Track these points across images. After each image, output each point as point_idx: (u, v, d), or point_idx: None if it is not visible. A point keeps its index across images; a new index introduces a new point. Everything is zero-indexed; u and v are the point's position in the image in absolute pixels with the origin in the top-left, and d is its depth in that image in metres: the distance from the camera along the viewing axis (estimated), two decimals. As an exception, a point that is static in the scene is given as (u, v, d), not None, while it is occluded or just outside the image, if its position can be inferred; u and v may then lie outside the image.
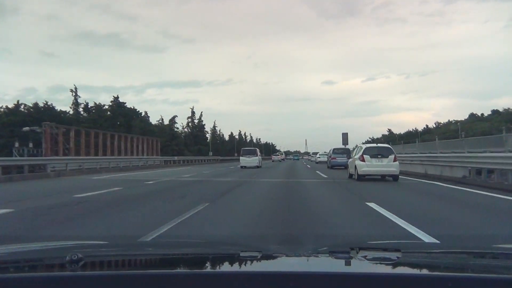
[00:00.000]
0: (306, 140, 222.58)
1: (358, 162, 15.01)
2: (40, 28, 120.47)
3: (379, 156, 14.83)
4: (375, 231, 5.55)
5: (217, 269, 1.47)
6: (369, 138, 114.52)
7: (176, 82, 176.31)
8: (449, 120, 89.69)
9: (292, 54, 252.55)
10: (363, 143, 24.91)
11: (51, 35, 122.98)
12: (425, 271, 1.47)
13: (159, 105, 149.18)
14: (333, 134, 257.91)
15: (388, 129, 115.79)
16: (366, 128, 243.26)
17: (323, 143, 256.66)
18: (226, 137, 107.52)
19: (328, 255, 1.81)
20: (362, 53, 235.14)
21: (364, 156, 14.86)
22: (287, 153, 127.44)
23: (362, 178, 14.76)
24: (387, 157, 14.77)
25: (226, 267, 1.48)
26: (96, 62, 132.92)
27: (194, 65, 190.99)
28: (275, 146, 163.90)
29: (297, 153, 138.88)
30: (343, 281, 1.17)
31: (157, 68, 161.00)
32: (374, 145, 17.09)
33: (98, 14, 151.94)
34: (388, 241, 3.41)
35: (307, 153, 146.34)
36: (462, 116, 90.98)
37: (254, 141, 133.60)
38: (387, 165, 14.68)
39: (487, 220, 6.52)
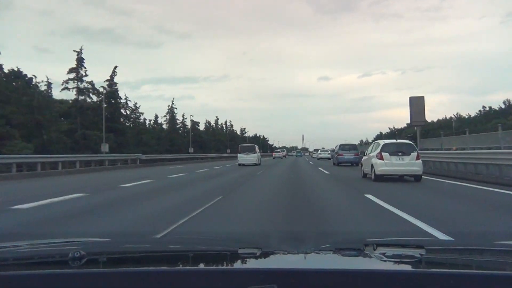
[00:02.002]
0: (303, 135, 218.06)
1: (375, 160, 13.21)
2: (34, 23, 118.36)
3: (399, 154, 13.00)
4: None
5: (215, 266, 1.48)
6: (389, 129, 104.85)
7: (172, 78, 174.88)
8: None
9: (288, 50, 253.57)
10: (374, 138, 22.63)
11: (46, 31, 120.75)
12: (424, 268, 1.48)
13: (154, 102, 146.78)
14: (329, 130, 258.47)
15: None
16: (362, 124, 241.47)
17: (320, 138, 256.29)
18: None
19: (329, 252, 1.78)
20: (358, 49, 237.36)
21: (383, 153, 13.03)
22: (280, 149, 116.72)
23: (380, 178, 12.98)
24: (409, 154, 12.94)
25: (224, 264, 1.54)
26: (91, 57, 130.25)
27: (190, 61, 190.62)
28: (267, 140, 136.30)
29: (293, 148, 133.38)
30: (342, 277, 1.17)
31: (152, 64, 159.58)
32: (394, 140, 15.14)
33: (93, 9, 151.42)
34: (388, 238, 3.28)
35: (304, 149, 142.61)
36: (456, 112, 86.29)
37: (238, 132, 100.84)
38: (409, 164, 12.86)
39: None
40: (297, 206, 8.01)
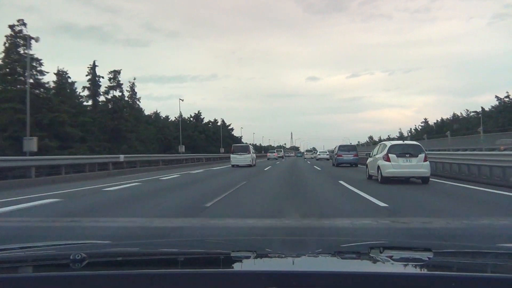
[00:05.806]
0: (291, 133, 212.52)
1: (382, 162, 12.94)
2: (19, 19, 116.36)
3: (407, 155, 12.73)
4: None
5: (213, 269, 1.47)
6: (400, 132, 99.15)
7: (160, 77, 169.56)
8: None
9: (277, 50, 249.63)
10: (367, 140, 22.51)
11: (31, 27, 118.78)
12: (425, 271, 1.45)
13: (143, 101, 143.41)
14: (317, 130, 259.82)
15: (425, 118, 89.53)
16: (350, 124, 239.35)
17: (308, 138, 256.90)
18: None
19: (328, 254, 1.75)
20: (347, 49, 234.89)
21: (390, 155, 12.77)
22: (269, 148, 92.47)
23: (387, 180, 12.72)
24: (416, 156, 12.67)
25: (223, 267, 1.54)
26: (78, 55, 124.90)
27: (178, 59, 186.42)
28: (230, 128, 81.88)
29: (280, 147, 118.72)
30: (342, 280, 1.15)
31: (140, 62, 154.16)
32: (401, 142, 14.93)
33: (79, 6, 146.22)
34: (390, 240, 3.29)
35: (295, 148, 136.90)
36: (444, 113, 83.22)
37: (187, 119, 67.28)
38: (417, 166, 12.59)
39: None
40: None
